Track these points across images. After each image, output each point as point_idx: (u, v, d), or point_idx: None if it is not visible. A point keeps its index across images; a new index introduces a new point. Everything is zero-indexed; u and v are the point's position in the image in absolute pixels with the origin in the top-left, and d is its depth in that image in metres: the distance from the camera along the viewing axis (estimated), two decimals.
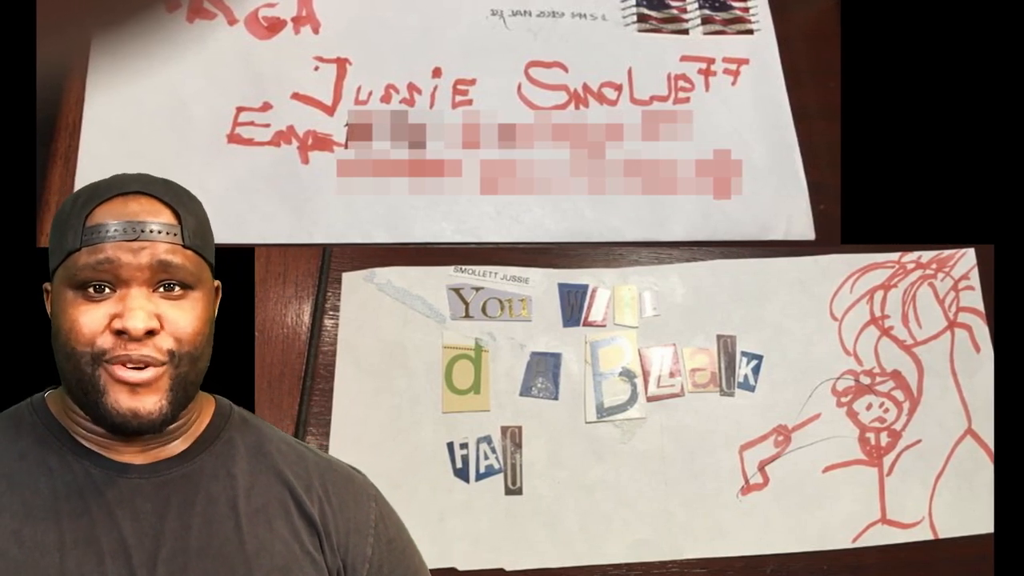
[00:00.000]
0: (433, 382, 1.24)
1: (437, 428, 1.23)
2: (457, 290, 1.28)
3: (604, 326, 1.29)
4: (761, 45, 1.42)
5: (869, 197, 1.29)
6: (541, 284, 1.29)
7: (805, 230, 1.32)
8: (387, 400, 1.23)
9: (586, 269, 1.30)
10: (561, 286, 1.30)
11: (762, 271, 1.32)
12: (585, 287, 1.30)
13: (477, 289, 1.28)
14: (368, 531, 0.81)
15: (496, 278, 1.28)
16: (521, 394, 1.25)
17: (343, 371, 1.23)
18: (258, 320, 1.23)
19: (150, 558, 0.72)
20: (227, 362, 1.16)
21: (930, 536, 1.26)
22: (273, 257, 1.25)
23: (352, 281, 1.26)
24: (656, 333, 1.30)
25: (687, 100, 1.36)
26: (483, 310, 1.28)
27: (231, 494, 0.76)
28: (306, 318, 1.25)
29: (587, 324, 1.29)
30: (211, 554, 0.73)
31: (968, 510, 1.27)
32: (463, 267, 1.28)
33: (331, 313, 1.25)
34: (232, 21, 1.30)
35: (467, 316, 1.27)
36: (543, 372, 1.26)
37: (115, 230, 0.72)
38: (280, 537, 0.76)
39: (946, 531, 1.26)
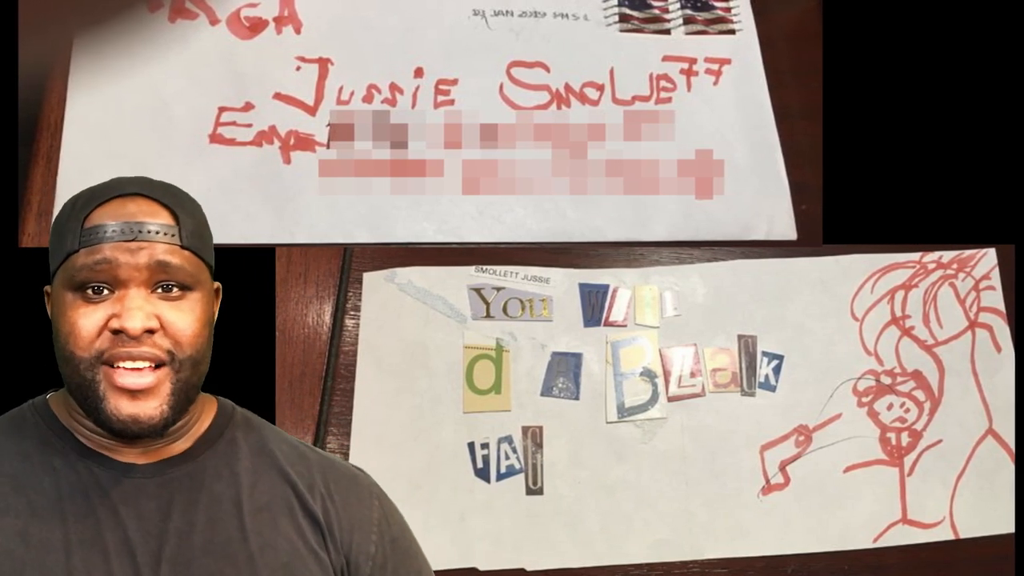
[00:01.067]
0: (454, 382, 1.24)
1: (458, 428, 1.23)
2: (478, 290, 1.28)
3: (625, 326, 1.29)
4: (743, 45, 1.41)
5: (851, 197, 1.29)
6: (562, 284, 1.29)
7: (787, 230, 1.31)
8: (408, 400, 1.23)
9: (607, 269, 1.30)
10: (582, 286, 1.29)
11: (783, 271, 1.32)
12: (606, 287, 1.30)
13: (498, 289, 1.28)
14: (371, 529, 0.81)
15: (517, 278, 1.28)
16: (542, 394, 1.25)
17: (364, 371, 1.23)
18: (279, 320, 1.23)
19: (154, 556, 0.72)
20: (248, 362, 1.17)
21: (951, 536, 1.26)
22: (294, 257, 1.25)
23: (373, 281, 1.26)
24: (677, 333, 1.29)
25: (669, 100, 1.35)
26: (504, 310, 1.27)
27: (235, 492, 0.77)
28: (327, 318, 1.25)
29: (608, 324, 1.29)
30: (215, 552, 0.74)
31: (989, 510, 1.27)
32: (484, 267, 1.28)
33: (352, 313, 1.25)
34: (214, 21, 1.30)
35: (488, 316, 1.27)
36: (564, 372, 1.26)
37: (113, 231, 0.72)
38: (284, 534, 0.76)
39: (967, 531, 1.26)
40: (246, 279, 1.20)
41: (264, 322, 1.21)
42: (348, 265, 1.26)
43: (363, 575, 0.79)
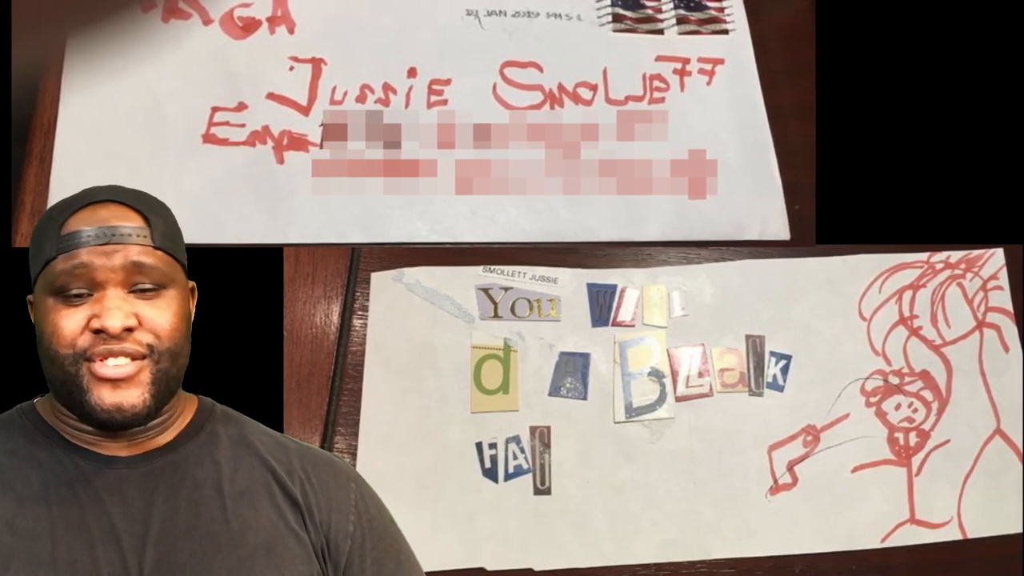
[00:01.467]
0: (462, 382, 1.24)
1: (466, 428, 1.23)
2: (486, 290, 1.28)
3: (633, 326, 1.29)
4: (736, 45, 1.41)
5: (844, 197, 1.29)
6: (570, 284, 1.29)
7: (780, 230, 1.31)
8: (416, 400, 1.23)
9: (615, 269, 1.30)
10: (590, 286, 1.29)
11: (791, 271, 1.32)
12: (614, 287, 1.30)
13: (506, 289, 1.28)
14: (349, 509, 0.83)
15: (525, 278, 1.28)
16: (550, 394, 1.25)
17: (372, 371, 1.23)
18: (287, 320, 1.23)
19: (139, 541, 0.75)
20: (255, 362, 1.17)
21: (959, 536, 1.26)
22: (302, 257, 1.25)
23: (381, 281, 1.26)
24: (685, 333, 1.29)
25: (662, 100, 1.35)
26: (512, 310, 1.27)
27: (216, 478, 0.79)
28: (335, 318, 1.25)
29: (616, 324, 1.29)
30: (198, 534, 0.76)
31: (997, 510, 1.27)
32: (492, 267, 1.28)
33: (360, 313, 1.25)
34: (207, 21, 1.30)
35: (496, 316, 1.27)
36: (572, 372, 1.26)
37: (88, 235, 0.75)
38: (264, 516, 0.79)
39: (975, 531, 1.26)
40: (254, 279, 1.20)
41: (272, 322, 1.21)
42: (356, 265, 1.26)
43: (343, 553, 0.81)
